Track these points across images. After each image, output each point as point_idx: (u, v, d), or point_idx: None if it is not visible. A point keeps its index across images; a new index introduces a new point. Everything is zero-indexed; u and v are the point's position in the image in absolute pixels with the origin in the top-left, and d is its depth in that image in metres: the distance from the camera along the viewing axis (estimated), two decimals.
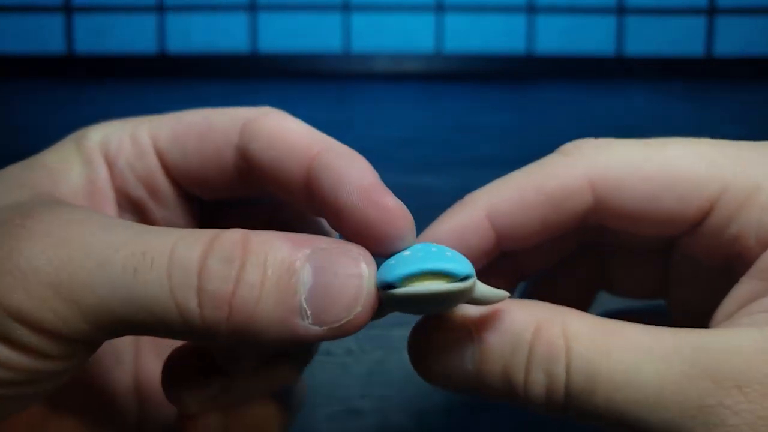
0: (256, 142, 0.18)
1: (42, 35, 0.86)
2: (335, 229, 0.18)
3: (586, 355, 0.15)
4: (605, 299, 0.24)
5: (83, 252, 0.14)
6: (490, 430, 0.27)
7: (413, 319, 0.18)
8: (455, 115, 0.71)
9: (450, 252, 0.15)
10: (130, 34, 0.87)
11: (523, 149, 0.56)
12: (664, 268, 0.22)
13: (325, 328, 0.14)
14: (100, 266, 0.14)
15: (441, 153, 0.58)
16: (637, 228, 0.19)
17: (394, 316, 0.32)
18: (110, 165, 0.19)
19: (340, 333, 0.15)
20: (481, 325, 0.16)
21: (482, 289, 0.16)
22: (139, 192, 0.20)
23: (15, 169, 0.18)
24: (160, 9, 0.87)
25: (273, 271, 0.14)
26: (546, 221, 0.19)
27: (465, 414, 0.27)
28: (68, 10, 0.86)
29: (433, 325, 0.17)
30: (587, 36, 0.88)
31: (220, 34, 0.88)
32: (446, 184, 0.48)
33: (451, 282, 0.15)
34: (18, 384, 0.15)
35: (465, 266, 0.15)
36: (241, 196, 0.20)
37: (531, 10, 0.88)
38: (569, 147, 0.20)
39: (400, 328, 0.31)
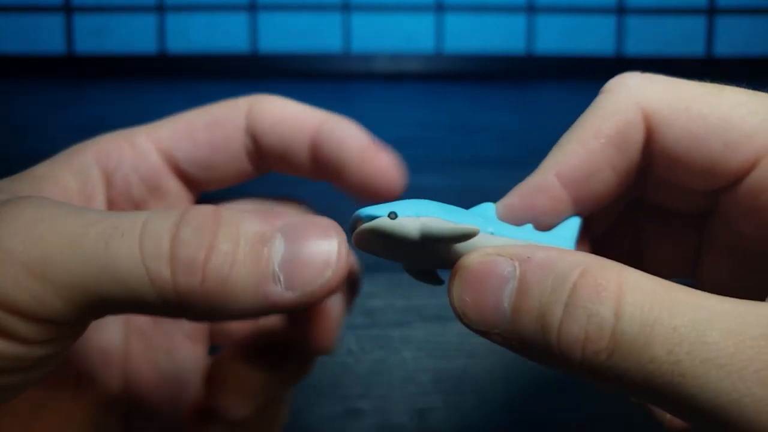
0: (262, 122, 0.20)
1: (42, 35, 0.86)
2: (338, 188, 0.20)
3: (643, 302, 0.13)
4: None
5: (54, 231, 0.14)
6: (489, 430, 0.27)
7: (413, 319, 0.18)
8: (455, 115, 0.71)
9: (411, 202, 0.16)
10: (130, 34, 0.87)
11: (523, 149, 0.56)
12: (696, 247, 0.21)
13: (297, 293, 0.15)
14: (72, 242, 0.14)
15: (441, 153, 0.58)
16: (679, 174, 0.18)
17: (394, 315, 0.32)
18: (109, 172, 0.20)
19: (312, 298, 0.15)
20: (526, 262, 0.15)
21: (435, 224, 0.16)
22: (141, 193, 0.20)
23: (3, 182, 0.18)
24: (160, 9, 0.87)
25: (246, 240, 0.15)
26: (615, 165, 0.18)
27: (465, 414, 0.27)
28: (68, 10, 0.86)
29: (479, 258, 0.16)
30: (587, 36, 0.88)
31: (220, 34, 0.88)
32: (446, 184, 0.48)
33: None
34: (2, 372, 0.14)
35: (396, 209, 0.16)
36: (247, 180, 0.22)
37: (531, 10, 0.88)
38: (613, 83, 0.19)
39: (400, 328, 0.31)
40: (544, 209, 0.19)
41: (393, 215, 0.16)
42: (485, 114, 0.72)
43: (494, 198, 0.21)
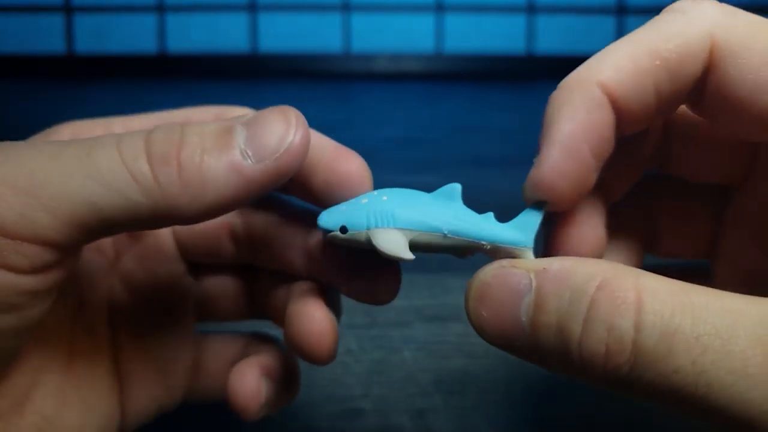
0: None
1: (42, 35, 0.86)
2: (302, 195, 0.20)
3: (663, 311, 0.13)
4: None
5: (37, 154, 0.15)
6: (489, 430, 0.27)
7: (413, 319, 0.18)
8: (455, 115, 0.71)
9: (373, 198, 0.17)
10: (130, 34, 0.87)
11: (523, 149, 0.56)
12: (713, 226, 0.20)
13: (267, 161, 0.16)
14: (54, 158, 0.15)
15: (441, 153, 0.58)
16: (733, 120, 0.17)
17: (394, 315, 0.32)
18: None
19: (285, 163, 0.16)
20: (542, 273, 0.15)
21: (380, 241, 0.17)
22: None
23: None
24: (160, 9, 0.87)
25: (210, 132, 0.16)
26: (660, 91, 0.17)
27: (464, 414, 0.27)
28: (68, 10, 0.86)
29: (494, 271, 0.16)
30: (587, 36, 0.88)
31: (220, 34, 0.88)
32: (446, 183, 0.48)
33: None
34: (9, 310, 0.15)
35: (348, 218, 0.17)
36: None
37: (531, 10, 0.88)
38: (686, 3, 0.17)
39: (400, 328, 0.31)
40: (595, 136, 0.17)
41: (343, 229, 0.17)
42: (485, 114, 0.72)
43: (494, 198, 0.21)
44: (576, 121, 0.16)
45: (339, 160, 0.19)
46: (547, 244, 0.19)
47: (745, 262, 0.19)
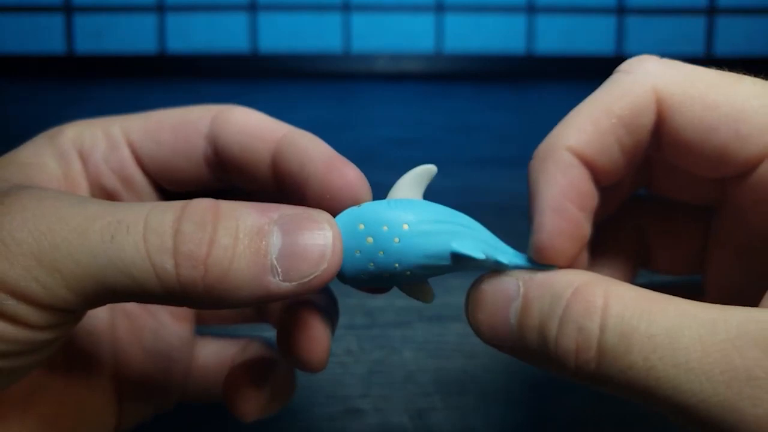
0: (226, 130, 0.20)
1: (42, 35, 0.87)
2: (298, 202, 0.19)
3: (624, 314, 0.15)
4: (640, 277, 0.24)
5: (61, 223, 0.15)
6: (489, 430, 0.27)
7: (413, 319, 0.18)
8: (455, 115, 0.71)
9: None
10: (130, 34, 0.87)
11: (523, 149, 0.56)
12: (703, 243, 0.21)
13: (294, 283, 0.16)
14: (80, 235, 0.15)
15: (441, 153, 0.58)
16: (688, 161, 0.18)
17: (394, 315, 0.32)
18: (84, 159, 0.20)
19: (309, 288, 0.16)
20: (529, 282, 0.17)
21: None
22: (113, 183, 0.21)
23: None
24: (160, 9, 0.87)
25: (244, 234, 0.16)
26: (623, 145, 0.18)
27: (465, 414, 0.27)
28: (68, 10, 0.86)
29: (489, 279, 0.17)
30: (587, 36, 0.88)
31: (220, 34, 0.88)
32: (446, 184, 0.48)
33: None
34: (7, 356, 0.15)
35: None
36: (207, 188, 0.21)
37: (531, 10, 0.88)
38: (631, 63, 0.19)
39: (400, 328, 0.31)
40: (582, 201, 0.18)
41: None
42: (485, 114, 0.72)
43: (494, 198, 0.21)
44: (556, 185, 0.18)
45: (334, 172, 0.18)
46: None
47: (732, 277, 0.21)
